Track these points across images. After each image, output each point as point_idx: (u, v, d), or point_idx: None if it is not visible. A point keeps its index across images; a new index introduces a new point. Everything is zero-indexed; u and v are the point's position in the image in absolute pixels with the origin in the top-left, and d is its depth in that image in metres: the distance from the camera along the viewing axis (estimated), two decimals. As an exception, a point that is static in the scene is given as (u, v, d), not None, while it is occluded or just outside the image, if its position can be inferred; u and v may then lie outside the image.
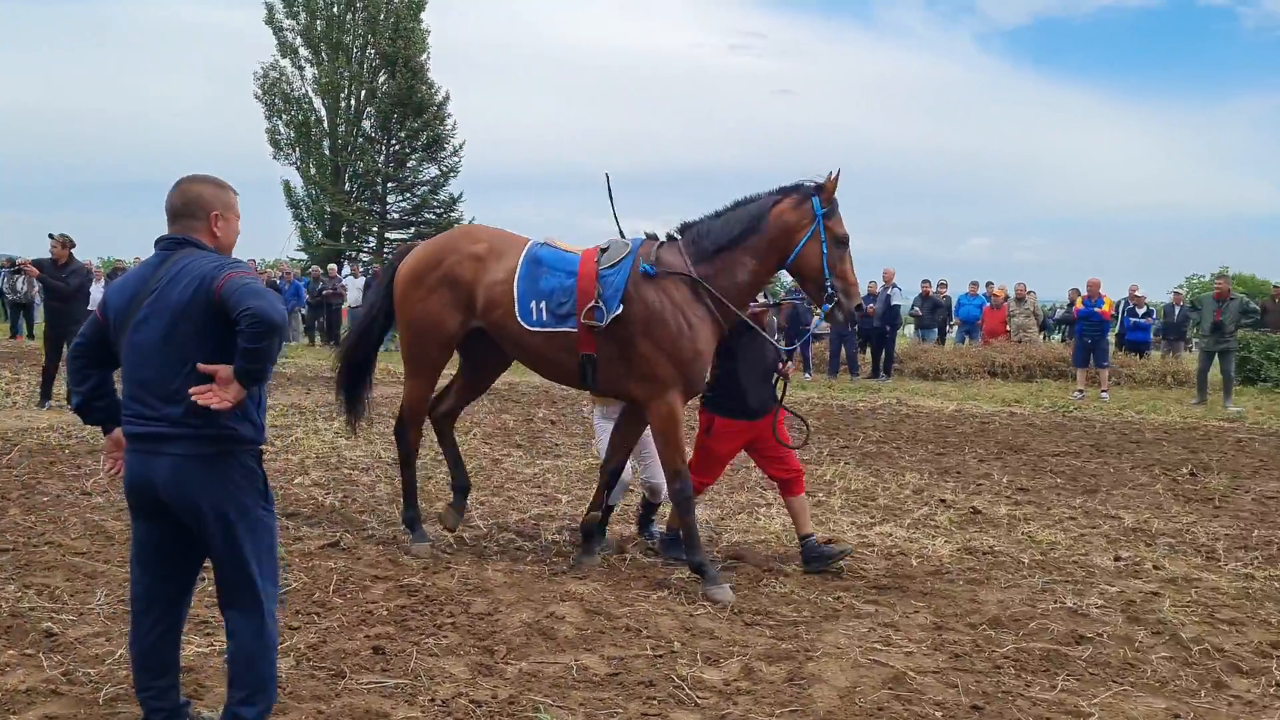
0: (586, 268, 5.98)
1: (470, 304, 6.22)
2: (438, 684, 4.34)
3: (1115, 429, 14.00)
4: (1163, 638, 5.27)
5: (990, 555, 6.85)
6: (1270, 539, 7.50)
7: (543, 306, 5.99)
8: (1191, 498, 9.14)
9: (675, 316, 5.87)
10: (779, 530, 7.33)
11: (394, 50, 38.29)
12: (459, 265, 6.26)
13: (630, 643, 4.94)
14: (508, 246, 6.27)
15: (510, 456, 10.17)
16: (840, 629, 5.25)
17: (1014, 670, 4.76)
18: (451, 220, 40.91)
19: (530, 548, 6.71)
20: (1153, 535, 7.57)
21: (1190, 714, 4.28)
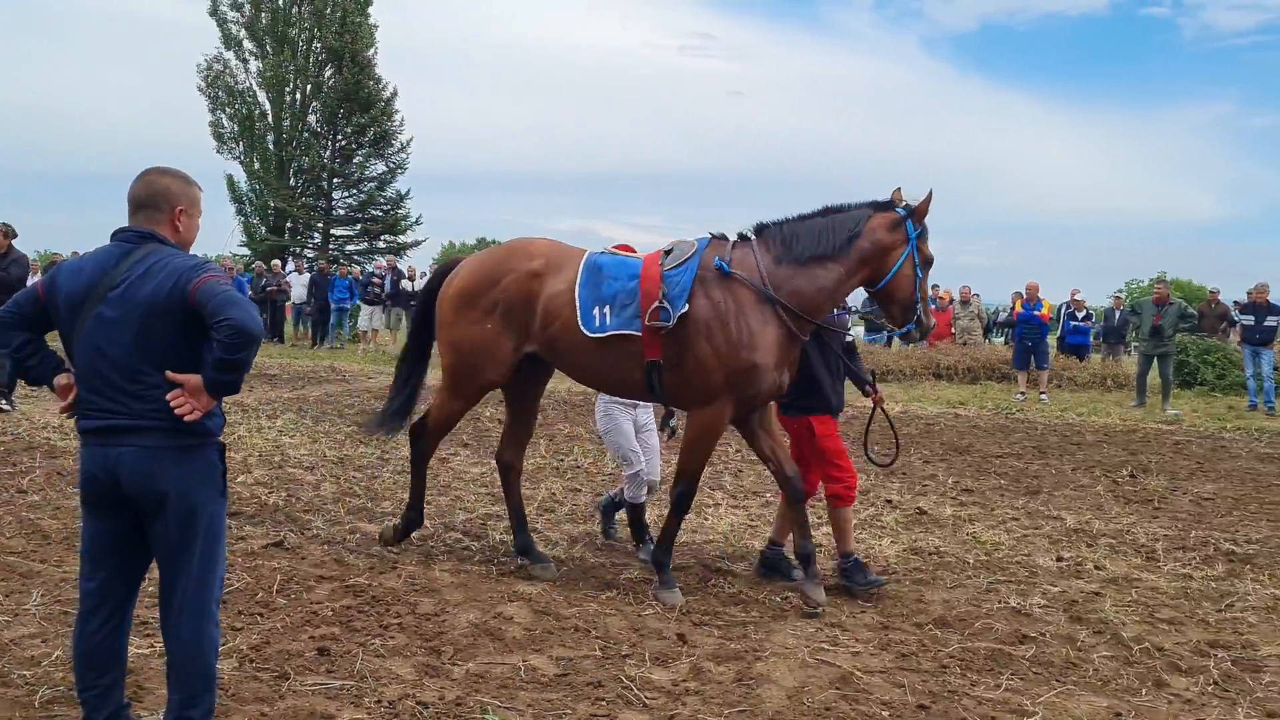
0: (650, 270, 5.73)
1: (527, 325, 5.91)
2: (384, 685, 4.29)
3: (1057, 431, 14.20)
4: (1104, 637, 5.35)
5: (936, 556, 6.92)
6: (1207, 539, 7.64)
7: (605, 311, 5.70)
8: (1131, 499, 9.29)
9: (736, 321, 5.60)
10: (726, 530, 7.35)
11: (340, 44, 37.97)
12: (517, 285, 5.93)
13: (579, 643, 4.92)
14: (565, 259, 5.98)
15: (457, 456, 10.10)
16: (788, 629, 5.27)
17: (959, 669, 4.80)
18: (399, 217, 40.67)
19: (478, 548, 6.66)
20: (1094, 536, 7.68)
21: (1131, 712, 4.34)
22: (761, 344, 5.59)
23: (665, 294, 5.61)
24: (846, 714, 4.23)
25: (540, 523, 7.41)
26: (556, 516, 7.66)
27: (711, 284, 5.66)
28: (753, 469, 10.02)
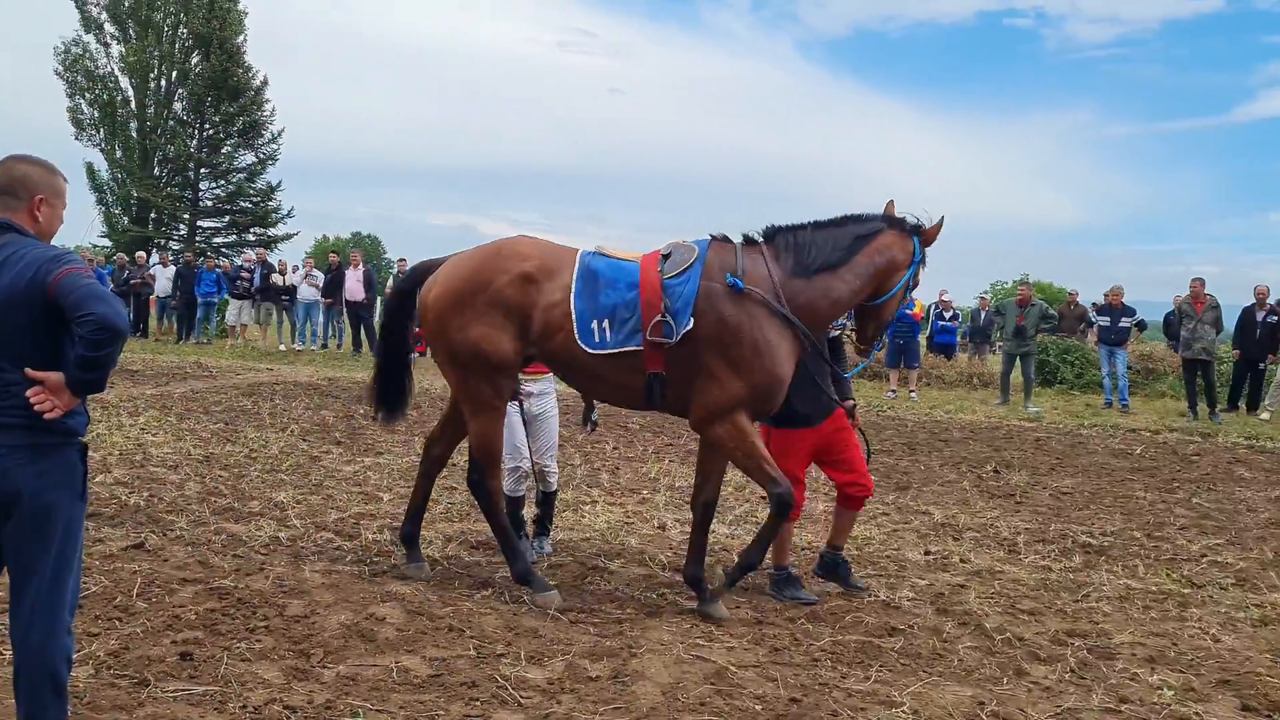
0: (648, 277, 5.40)
1: (525, 329, 5.48)
2: (249, 690, 4.17)
3: (926, 428, 14.58)
4: (969, 628, 5.50)
5: (808, 551, 7.02)
6: (1065, 532, 7.93)
7: (605, 326, 5.36)
8: (995, 494, 9.59)
9: (752, 333, 5.32)
10: (604, 528, 7.35)
11: (208, 30, 36.90)
12: (510, 288, 5.46)
13: (453, 643, 4.86)
14: (559, 261, 5.55)
15: (330, 454, 9.89)
16: (664, 625, 5.29)
17: (830, 663, 4.88)
18: (269, 209, 39.71)
19: (350, 547, 6.53)
20: (960, 530, 7.91)
21: (994, 700, 4.47)
22: (781, 355, 5.36)
23: (668, 307, 5.30)
24: (721, 709, 4.26)
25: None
26: (431, 515, 7.54)
27: (719, 295, 5.34)
28: (629, 466, 10.05)
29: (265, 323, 23.27)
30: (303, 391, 14.97)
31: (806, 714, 4.24)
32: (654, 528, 7.48)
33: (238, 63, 37.93)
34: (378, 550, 6.47)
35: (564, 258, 5.58)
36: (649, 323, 5.30)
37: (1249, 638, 5.55)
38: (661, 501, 8.39)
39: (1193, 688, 4.77)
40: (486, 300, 5.46)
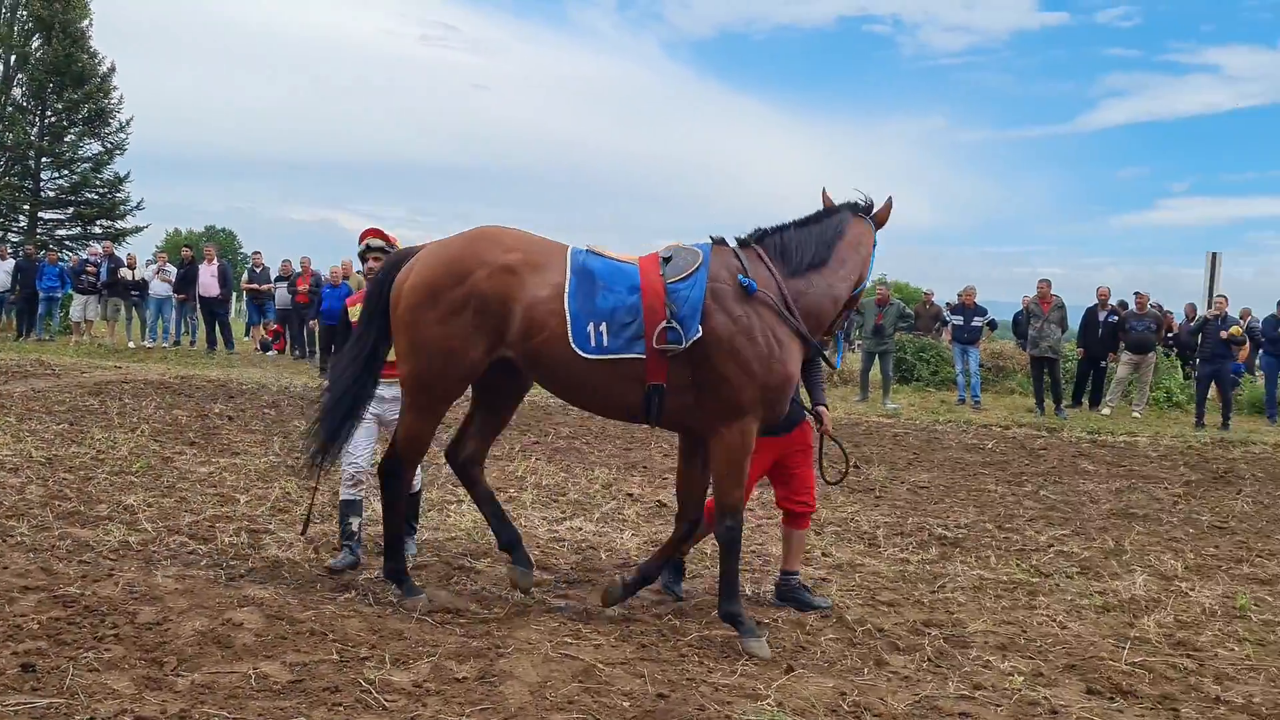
0: (650, 281, 5.14)
1: (501, 329, 5.16)
2: (98, 701, 3.99)
3: (787, 424, 14.81)
4: (831, 620, 5.62)
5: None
6: (923, 525, 8.17)
7: (602, 330, 5.06)
8: (855, 489, 9.81)
9: (765, 334, 5.15)
10: (469, 528, 7.27)
11: (49, 14, 35.25)
12: (489, 280, 5.12)
13: (315, 648, 4.73)
14: (546, 256, 5.24)
15: (183, 455, 9.54)
16: (531, 624, 5.25)
17: (697, 658, 4.93)
18: (117, 201, 38.19)
19: (205, 551, 6.30)
20: (821, 524, 8.06)
21: (855, 691, 4.57)
22: (791, 356, 5.23)
23: (674, 312, 5.06)
24: (589, 706, 4.25)
25: (274, 523, 7.10)
26: (291, 517, 7.35)
27: (728, 298, 5.15)
28: (495, 465, 9.97)
29: (113, 319, 22.33)
30: (153, 390, 14.43)
31: (674, 709, 4.26)
32: (520, 526, 7.42)
33: (82, 48, 36.31)
34: (234, 554, 6.27)
35: (552, 252, 5.28)
36: (653, 329, 5.05)
37: (1093, 624, 5.80)
38: (529, 500, 8.34)
39: (1041, 673, 4.96)
40: (463, 295, 5.12)
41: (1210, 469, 12.15)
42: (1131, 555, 7.47)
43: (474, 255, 5.20)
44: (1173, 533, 8.35)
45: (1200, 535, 8.33)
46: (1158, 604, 6.21)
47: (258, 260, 23.95)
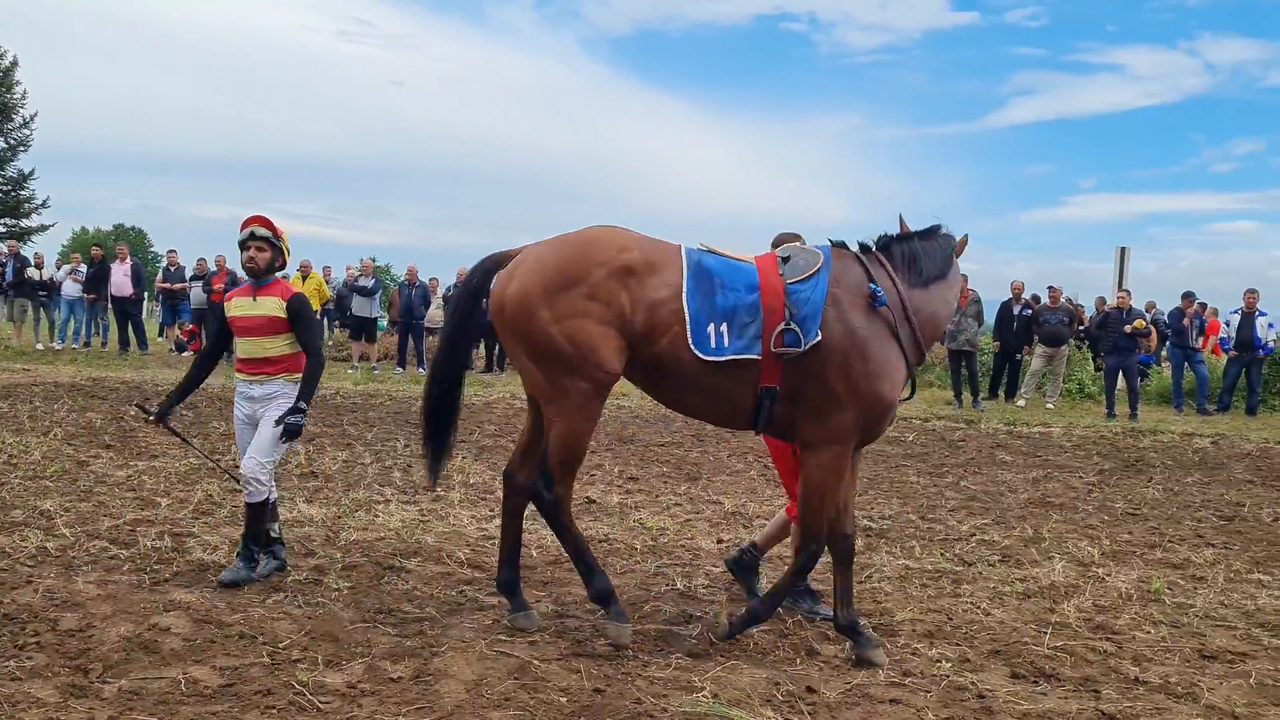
0: (769, 281, 4.95)
1: (624, 329, 4.83)
2: (22, 711, 3.89)
3: (712, 420, 14.92)
4: (762, 612, 5.67)
5: (605, 543, 7.10)
6: (848, 517, 8.28)
7: (723, 330, 4.84)
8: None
9: (879, 353, 4.98)
10: (398, 527, 7.21)
11: (-49, 5, 34.08)
12: (610, 281, 4.81)
13: (245, 651, 4.67)
14: (662, 255, 4.97)
15: (99, 458, 9.32)
16: (465, 623, 5.24)
17: (633, 652, 4.95)
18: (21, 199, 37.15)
19: (127, 555, 6.17)
20: (749, 518, 8.15)
21: (788, 680, 4.64)
22: (897, 377, 5.04)
23: (793, 314, 4.87)
24: (526, 703, 4.25)
25: (198, 526, 6.97)
26: (215, 519, 7.23)
27: (847, 305, 4.97)
28: (423, 464, 9.89)
29: (20, 319, 21.69)
30: (65, 393, 14.06)
31: (610, 704, 4.28)
32: (450, 525, 7.40)
33: (-16, 41, 35.26)
34: (158, 558, 6.15)
35: (667, 251, 5.02)
36: (771, 330, 4.87)
37: (1015, 610, 5.94)
38: (457, 498, 8.30)
39: (968, 659, 5.08)
40: (583, 293, 4.80)
41: (1122, 458, 12.50)
42: (1050, 543, 7.67)
43: (588, 257, 4.87)
44: (1089, 520, 8.59)
45: (1115, 522, 8.57)
46: (1076, 589, 6.38)
47: (172, 259, 23.48)
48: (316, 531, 6.99)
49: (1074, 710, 4.43)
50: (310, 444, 10.71)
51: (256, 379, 5.85)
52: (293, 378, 5.86)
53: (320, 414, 13.42)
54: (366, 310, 20.67)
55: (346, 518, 7.47)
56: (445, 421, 5.41)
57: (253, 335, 5.85)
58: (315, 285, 20.29)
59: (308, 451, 10.17)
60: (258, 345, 5.85)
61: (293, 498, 7.94)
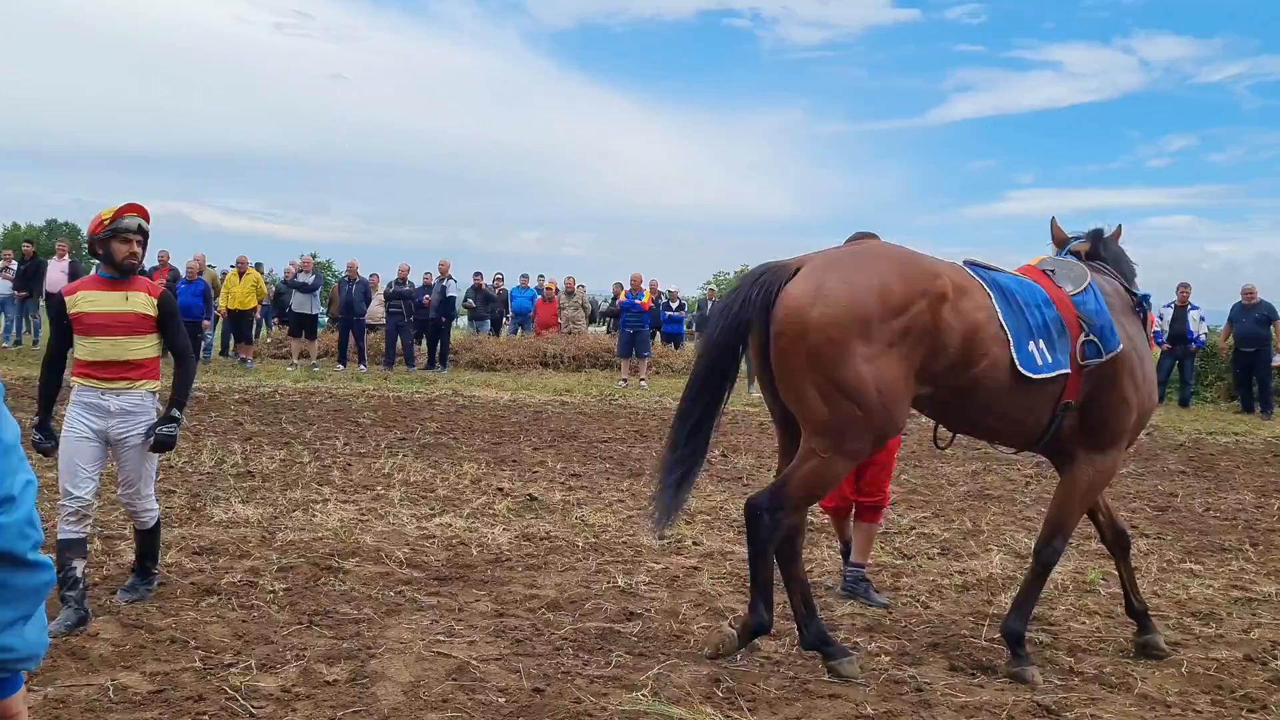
0: (1057, 294, 4.90)
1: (931, 361, 4.57)
2: (-59, 723, 3.78)
3: (656, 415, 14.96)
4: (703, 609, 5.68)
5: (547, 540, 7.06)
6: (789, 512, 8.31)
7: (1042, 347, 4.72)
8: (724, 477, 9.95)
9: (1149, 353, 5.22)
10: (336, 526, 7.12)
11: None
12: (929, 313, 4.51)
13: (176, 656, 4.58)
14: (962, 275, 4.78)
15: (29, 459, 9.08)
16: (404, 623, 5.18)
17: (572, 650, 4.92)
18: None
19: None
20: (692, 514, 8.14)
21: (729, 676, 4.63)
22: (1156, 378, 5.25)
23: (1089, 326, 4.82)
24: (464, 704, 4.21)
25: (129, 529, 6.82)
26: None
27: (1119, 312, 5.05)
28: (362, 462, 9.79)
29: (-51, 318, 21.20)
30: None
31: (550, 703, 4.25)
32: (389, 524, 7.31)
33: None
34: (88, 562, 6.00)
35: (961, 270, 4.83)
36: (1075, 343, 4.81)
37: (954, 603, 6.00)
38: (396, 497, 8.21)
39: (907, 652, 5.11)
40: (901, 327, 4.47)
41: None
42: (988, 535, 7.76)
43: (909, 281, 4.55)
44: (1025, 512, 8.70)
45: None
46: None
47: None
48: (252, 533, 6.87)
49: (1010, 702, 4.47)
50: (248, 443, 10.56)
51: (114, 386, 5.22)
52: (153, 386, 5.36)
53: (258, 412, 13.24)
54: (307, 307, 20.40)
55: (283, 518, 7.35)
56: (698, 450, 5.02)
57: (115, 334, 5.20)
58: (252, 282, 20.03)
59: (244, 451, 10.02)
60: (121, 347, 5.21)
61: (228, 498, 7.81)
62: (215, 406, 13.65)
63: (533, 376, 20.15)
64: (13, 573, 1.63)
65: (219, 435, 11.05)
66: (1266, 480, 10.79)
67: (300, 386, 16.57)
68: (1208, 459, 12.38)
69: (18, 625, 1.65)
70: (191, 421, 12.04)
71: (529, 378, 19.91)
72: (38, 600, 1.69)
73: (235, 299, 19.61)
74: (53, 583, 1.71)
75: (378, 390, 16.59)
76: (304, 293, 20.26)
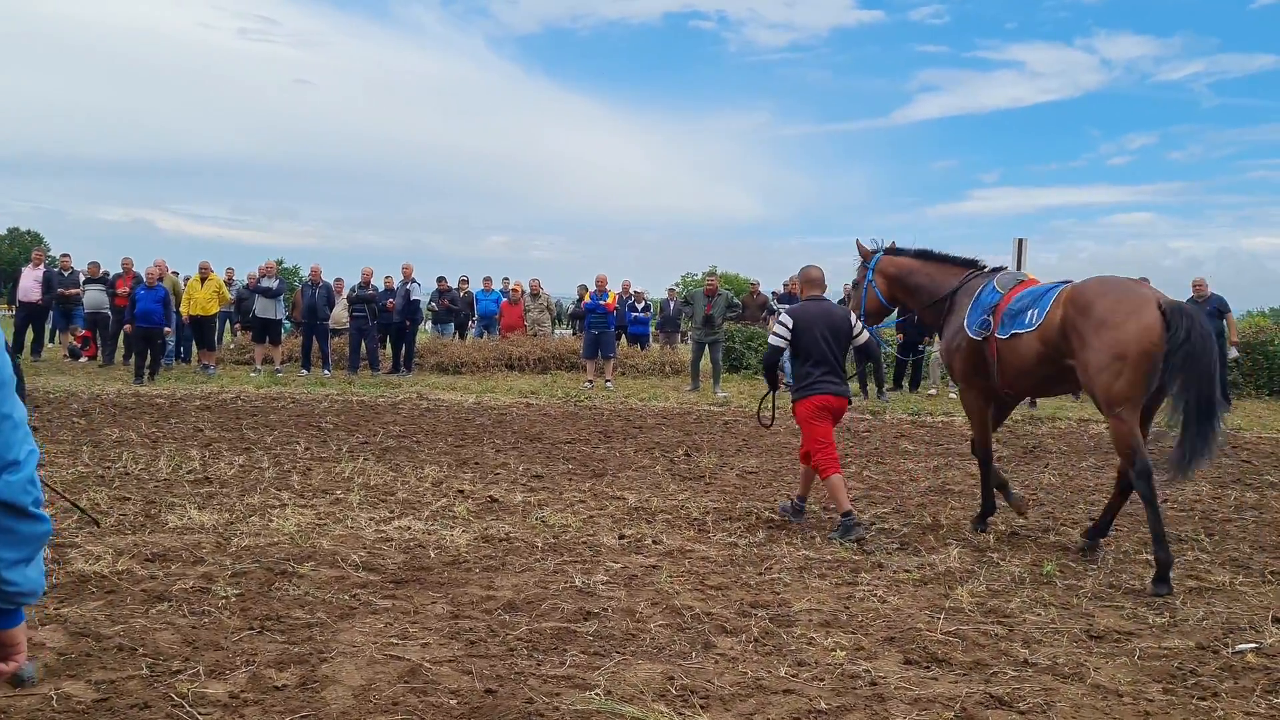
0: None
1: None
2: (-123, 736, 3.71)
3: (621, 416, 14.93)
4: (660, 607, 5.66)
5: (506, 542, 7.02)
6: (750, 509, 8.32)
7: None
8: (686, 476, 9.94)
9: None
10: (293, 531, 7.05)
11: None
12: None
13: (123, 664, 4.51)
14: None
15: None
16: (357, 627, 5.13)
17: (526, 651, 4.89)
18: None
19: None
20: (653, 513, 8.13)
21: (683, 674, 4.62)
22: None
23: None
24: (415, 707, 4.17)
25: (80, 536, 6.73)
26: (99, 530, 6.99)
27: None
28: (322, 467, 9.71)
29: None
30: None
31: (502, 704, 4.22)
32: (347, 528, 7.25)
33: None
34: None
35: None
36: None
37: (911, 597, 6.00)
38: (355, 501, 8.14)
39: (862, 647, 5.10)
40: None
41: (1020, 444, 12.77)
42: (947, 530, 7.78)
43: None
44: (986, 506, 8.72)
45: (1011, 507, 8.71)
46: (971, 575, 6.47)
47: (65, 263, 22.74)
48: (207, 539, 6.79)
49: (964, 694, 4.48)
50: (207, 449, 10.45)
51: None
52: None
53: (218, 418, 13.12)
54: (270, 312, 20.21)
55: (239, 523, 7.27)
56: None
57: None
58: (215, 288, 19.84)
59: (203, 457, 9.92)
60: None
61: (184, 504, 7.72)
62: (175, 413, 13.51)
63: (498, 379, 20.06)
64: (17, 521, 2.02)
65: (177, 442, 10.94)
66: (1223, 471, 10.88)
67: (263, 392, 16.43)
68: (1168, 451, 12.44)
69: (20, 565, 2.05)
70: (150, 428, 11.92)
71: (494, 380, 19.82)
72: (37, 546, 2.08)
73: (197, 305, 19.41)
74: (49, 533, 2.09)
75: (341, 395, 16.47)
76: (268, 298, 20.09)
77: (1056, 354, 6.83)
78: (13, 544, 2.02)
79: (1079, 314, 6.62)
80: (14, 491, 2.00)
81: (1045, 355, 6.90)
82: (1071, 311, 6.68)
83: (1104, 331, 6.46)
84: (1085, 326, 6.56)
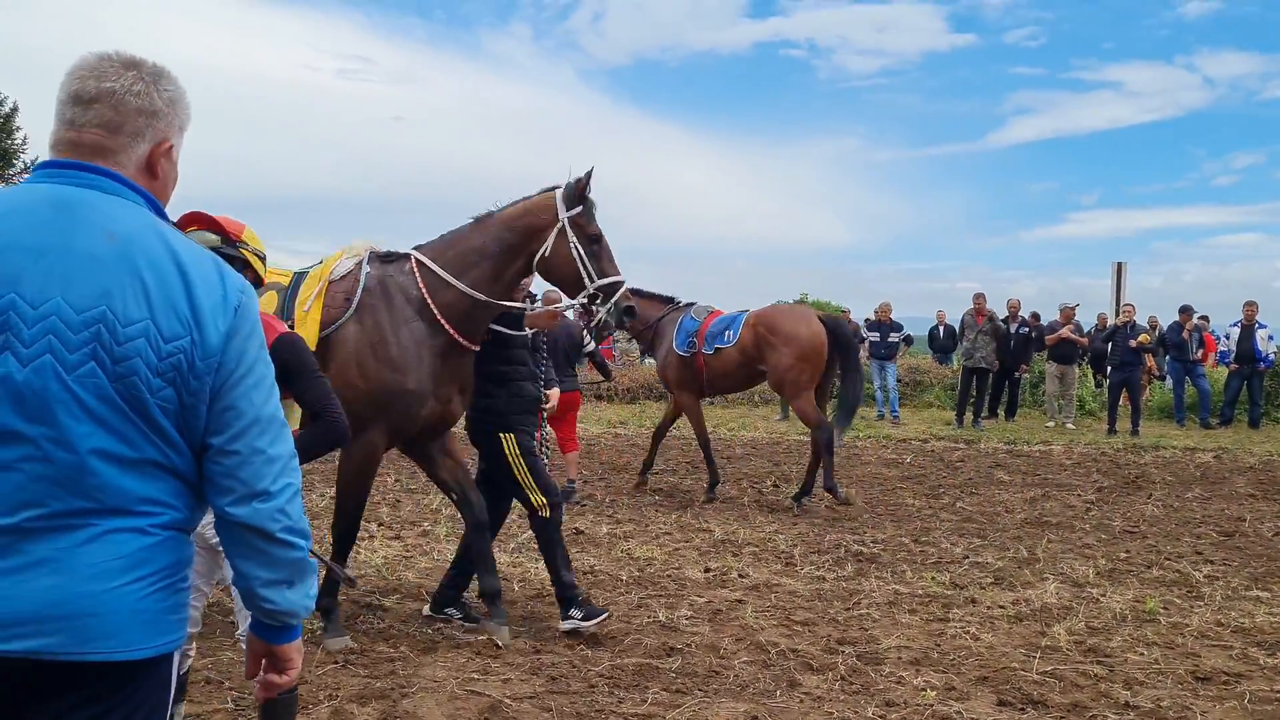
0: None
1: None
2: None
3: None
4: (745, 643, 5.56)
5: (590, 574, 6.98)
6: (839, 542, 8.17)
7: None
8: (774, 508, 9.81)
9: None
10: (380, 563, 7.10)
11: (-52, 53, 34.31)
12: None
13: (209, 697, 4.57)
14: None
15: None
16: (439, 661, 5.13)
17: (608, 687, 4.83)
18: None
19: None
20: (739, 545, 8.02)
21: (767, 713, 4.52)
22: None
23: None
24: (494, 744, 4.14)
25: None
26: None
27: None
28: (411, 499, 9.80)
29: None
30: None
31: (582, 743, 4.17)
32: (433, 560, 7.28)
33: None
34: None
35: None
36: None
37: (1005, 634, 5.81)
38: (443, 534, 8.18)
39: (954, 686, 4.94)
40: None
41: (1122, 474, 12.35)
42: (1044, 563, 7.54)
43: None
44: (1085, 539, 8.45)
45: (1111, 540, 8.44)
46: (1069, 611, 6.25)
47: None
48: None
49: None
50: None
51: None
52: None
53: (312, 450, 13.32)
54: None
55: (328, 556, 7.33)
56: None
57: None
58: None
59: (295, 489, 10.06)
60: None
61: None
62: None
63: (586, 409, 20.08)
64: (266, 544, 2.03)
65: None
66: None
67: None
68: (1278, 481, 11.97)
69: (279, 586, 2.06)
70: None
71: (583, 410, 19.84)
72: (294, 571, 2.07)
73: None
74: (305, 560, 2.08)
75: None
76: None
77: (750, 361, 9.73)
78: (265, 564, 2.05)
79: (769, 331, 9.60)
80: (260, 518, 2.01)
81: (741, 362, 9.77)
82: (762, 329, 9.64)
83: (789, 342, 9.46)
84: (775, 340, 9.54)
